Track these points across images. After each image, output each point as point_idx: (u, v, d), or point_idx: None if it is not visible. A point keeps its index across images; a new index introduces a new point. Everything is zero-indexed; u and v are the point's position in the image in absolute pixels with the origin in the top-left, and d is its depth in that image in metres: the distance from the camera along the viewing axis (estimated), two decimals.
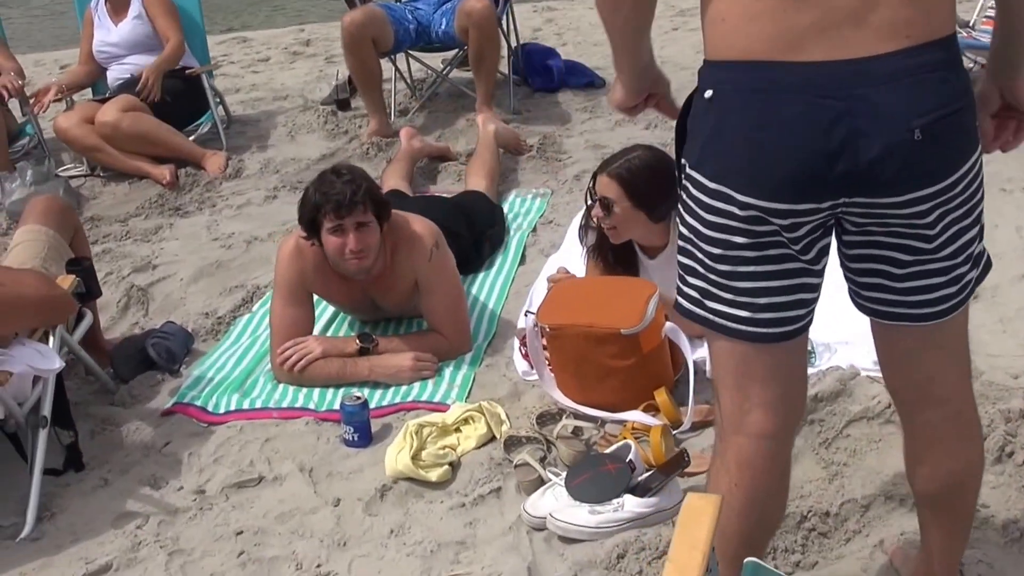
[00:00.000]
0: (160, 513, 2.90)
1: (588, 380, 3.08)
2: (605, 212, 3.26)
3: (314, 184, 3.28)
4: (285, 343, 3.37)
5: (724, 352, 1.88)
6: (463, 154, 5.21)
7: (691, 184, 1.78)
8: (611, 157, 3.40)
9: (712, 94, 1.71)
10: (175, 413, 3.32)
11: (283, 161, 5.39)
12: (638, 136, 5.36)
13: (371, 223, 3.27)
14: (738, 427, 1.91)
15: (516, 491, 2.86)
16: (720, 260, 1.77)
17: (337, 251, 3.26)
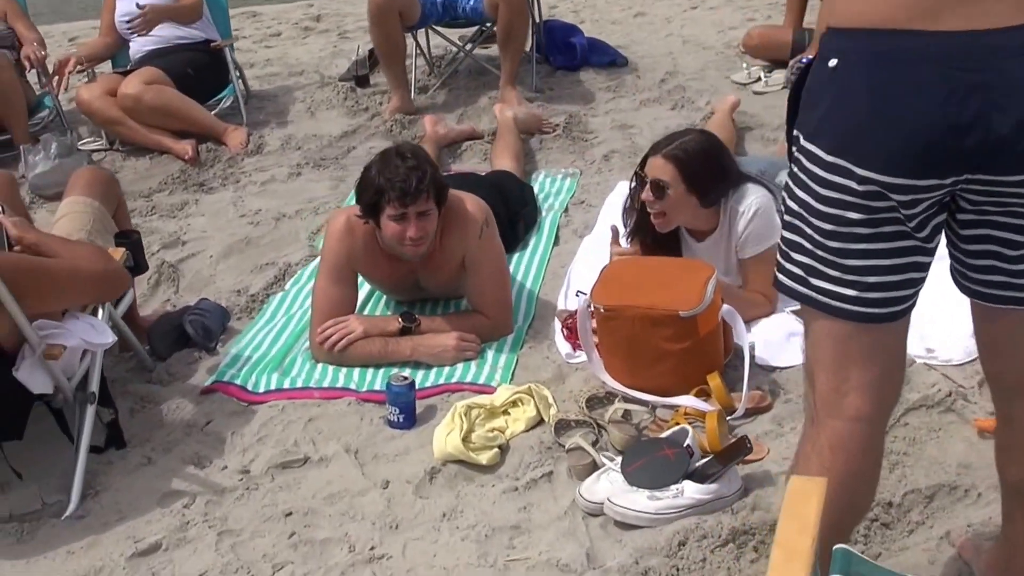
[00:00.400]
0: (206, 492, 2.86)
1: (640, 363, 3.06)
2: (658, 195, 3.23)
3: (377, 165, 3.22)
4: (326, 322, 3.33)
5: (823, 332, 1.84)
6: (488, 133, 5.16)
7: (805, 157, 1.74)
8: (663, 139, 3.36)
9: (836, 63, 1.67)
10: (215, 391, 3.29)
11: (304, 137, 5.33)
12: (664, 117, 5.34)
13: (432, 210, 3.23)
14: (834, 410, 1.87)
15: (568, 475, 2.83)
16: (831, 236, 1.73)
17: (396, 237, 3.22)
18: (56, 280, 2.78)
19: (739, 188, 3.39)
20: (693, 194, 3.24)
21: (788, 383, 3.14)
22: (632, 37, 6.68)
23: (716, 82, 5.77)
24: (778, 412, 3.02)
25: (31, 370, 2.72)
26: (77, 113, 5.46)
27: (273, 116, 5.65)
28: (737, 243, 3.39)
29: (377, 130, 5.32)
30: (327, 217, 4.33)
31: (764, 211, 3.35)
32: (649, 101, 5.56)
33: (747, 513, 2.61)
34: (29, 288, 2.66)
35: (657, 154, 3.25)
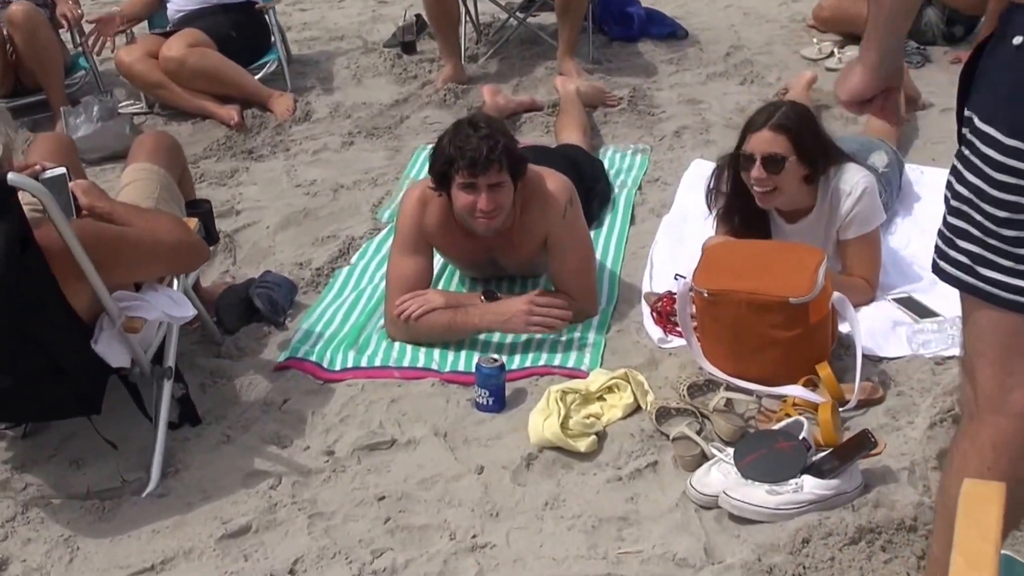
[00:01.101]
0: (292, 473, 2.84)
1: (744, 350, 3.03)
2: (773, 170, 3.19)
3: (449, 134, 3.19)
4: (403, 295, 3.30)
5: (989, 324, 1.80)
6: (548, 105, 5.11)
7: (979, 139, 1.70)
8: (757, 114, 3.32)
9: (1022, 41, 1.63)
10: (289, 368, 3.26)
11: (353, 105, 5.28)
12: (733, 92, 5.31)
13: (505, 183, 3.19)
14: (998, 406, 1.84)
15: (674, 465, 2.81)
16: (1005, 224, 1.70)
17: (467, 208, 3.19)
18: (137, 251, 2.74)
19: (840, 167, 3.36)
20: (804, 166, 3.21)
21: (898, 375, 3.11)
22: (688, 8, 6.62)
23: (784, 57, 5.73)
24: (891, 404, 2.99)
25: (109, 343, 2.69)
26: (113, 75, 5.42)
27: (318, 82, 5.60)
28: (839, 225, 3.36)
29: (430, 99, 5.27)
30: (389, 189, 4.34)
31: (870, 192, 3.32)
32: (715, 75, 5.51)
33: (870, 510, 2.58)
34: (110, 258, 2.62)
35: (762, 128, 3.21)
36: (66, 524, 2.69)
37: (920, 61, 5.53)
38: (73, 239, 2.48)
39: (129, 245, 2.72)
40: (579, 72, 5.37)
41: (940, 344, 3.22)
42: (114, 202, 2.87)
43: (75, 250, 2.49)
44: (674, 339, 3.31)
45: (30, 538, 2.66)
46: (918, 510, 2.55)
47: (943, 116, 4.91)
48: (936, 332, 3.24)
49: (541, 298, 3.28)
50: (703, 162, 4.50)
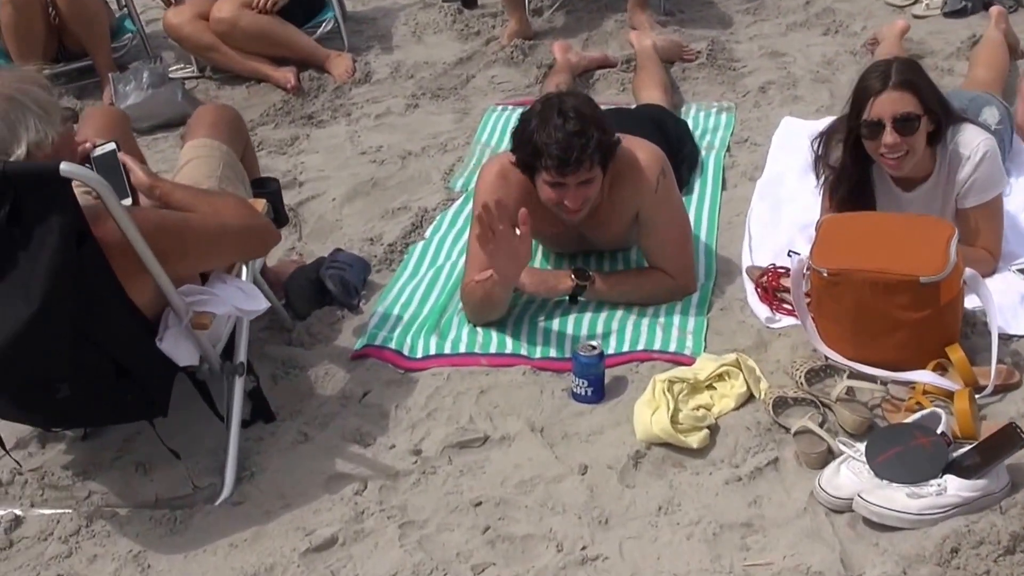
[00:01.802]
0: (378, 476, 2.63)
1: (867, 333, 2.77)
2: (906, 132, 2.91)
3: (537, 118, 2.90)
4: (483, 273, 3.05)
5: None
6: (620, 60, 4.83)
7: None
8: (869, 76, 3.02)
9: None
10: (368, 356, 3.05)
11: (415, 65, 5.03)
12: (817, 43, 5.00)
13: (596, 177, 2.94)
14: None
15: (797, 463, 2.57)
16: None
17: (552, 202, 2.96)
18: (202, 239, 2.51)
19: (958, 128, 3.08)
20: (931, 123, 2.95)
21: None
22: None
23: (868, 4, 5.38)
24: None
25: (176, 340, 2.48)
26: (160, 38, 5.21)
27: (375, 40, 5.35)
28: (959, 191, 3.08)
29: (496, 57, 5.00)
30: (460, 156, 4.10)
31: (992, 155, 3.05)
32: (796, 25, 5.19)
33: (1020, 513, 2.34)
34: (174, 249, 2.40)
35: (885, 89, 2.92)
36: (135, 537, 2.50)
37: (1013, 5, 5.17)
38: (133, 229, 2.26)
39: (194, 233, 2.49)
40: (652, 25, 5.08)
41: None
42: (174, 183, 2.64)
43: (135, 242, 2.27)
44: (783, 318, 3.06)
45: (96, 554, 2.47)
46: None
47: None
48: None
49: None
50: (793, 120, 4.22)
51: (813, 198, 3.53)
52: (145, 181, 2.54)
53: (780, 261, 3.25)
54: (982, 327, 2.91)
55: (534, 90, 4.63)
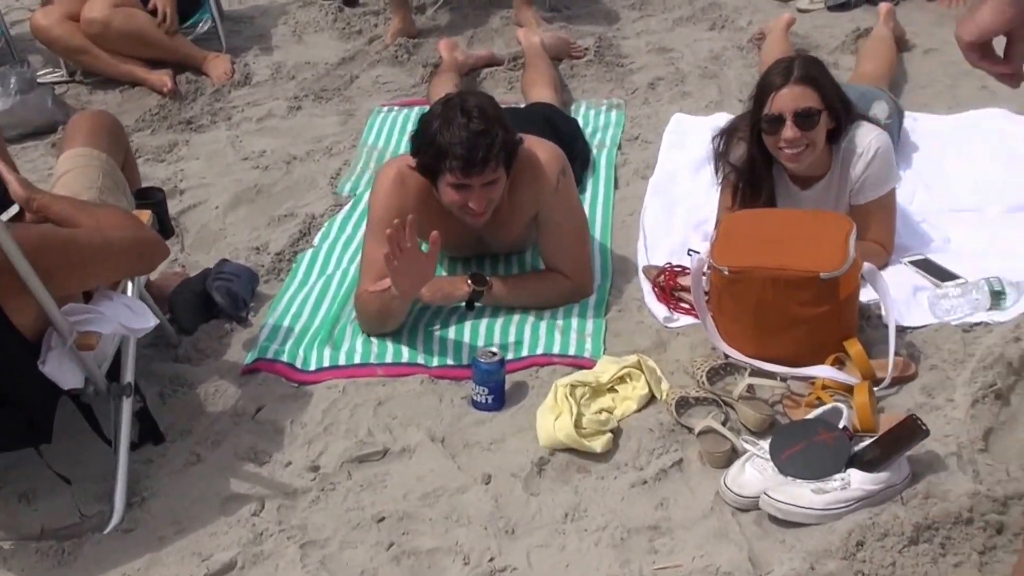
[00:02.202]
0: (276, 495, 2.57)
1: (766, 330, 2.81)
2: (806, 126, 2.96)
3: (439, 119, 2.87)
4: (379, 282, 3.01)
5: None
6: (508, 58, 4.83)
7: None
8: (772, 72, 3.08)
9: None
10: (259, 371, 2.98)
11: (296, 66, 4.95)
12: (704, 38, 5.08)
13: (500, 178, 2.92)
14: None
15: (701, 463, 2.59)
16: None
17: (456, 205, 2.93)
18: (88, 255, 2.40)
19: (851, 125, 3.16)
20: (831, 120, 3.03)
21: (926, 346, 2.93)
22: None
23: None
24: (925, 381, 2.80)
25: (59, 362, 2.38)
26: (27, 40, 5.02)
27: (254, 41, 5.25)
28: (853, 187, 3.15)
29: (380, 56, 4.96)
30: (347, 159, 4.05)
31: (885, 151, 3.13)
32: (682, 20, 5.26)
33: (921, 503, 2.39)
34: (59, 267, 2.30)
35: (786, 84, 2.97)
36: (20, 572, 2.40)
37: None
38: (14, 247, 2.16)
39: (79, 249, 2.38)
40: (538, 21, 5.09)
41: (965, 309, 3.04)
42: (52, 195, 2.54)
43: (16, 260, 2.18)
44: (681, 317, 3.09)
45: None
46: (973, 500, 2.37)
47: (927, 58, 4.74)
48: (960, 297, 3.06)
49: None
50: (683, 116, 4.28)
51: (706, 195, 3.59)
52: (21, 193, 2.44)
53: (676, 260, 3.29)
54: (876, 320, 2.98)
55: (420, 90, 4.60)
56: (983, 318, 3.00)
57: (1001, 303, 3.02)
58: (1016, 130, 4.04)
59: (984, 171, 3.77)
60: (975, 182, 3.71)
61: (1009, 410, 2.70)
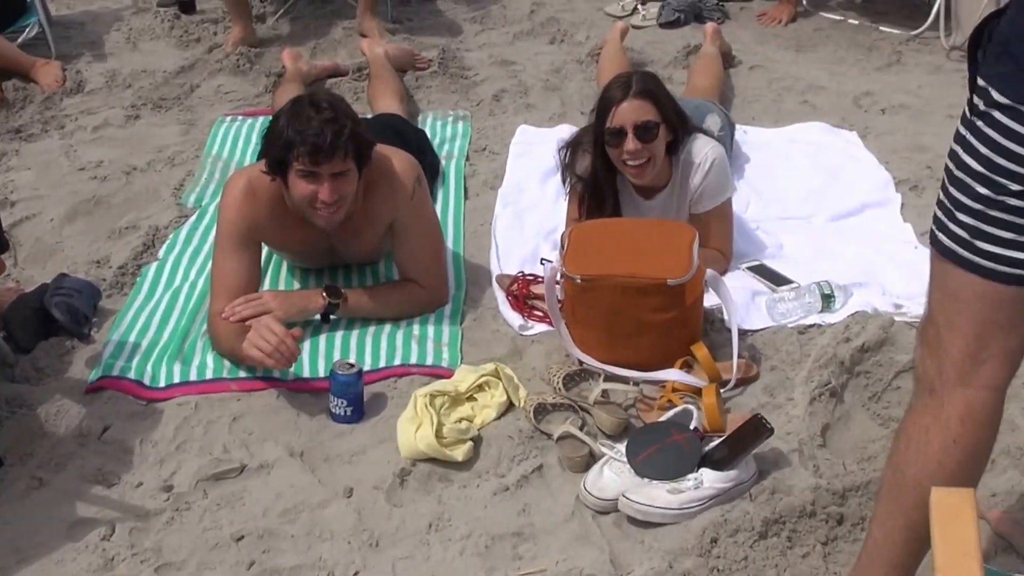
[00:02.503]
0: (127, 518, 2.47)
1: (619, 336, 2.85)
2: (647, 139, 3.02)
3: (287, 114, 2.83)
4: (234, 301, 2.93)
5: (974, 296, 1.72)
6: (352, 69, 4.78)
7: (999, 111, 1.60)
8: (612, 87, 3.13)
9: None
10: (105, 389, 2.85)
11: (132, 74, 4.78)
12: (544, 51, 5.14)
13: (350, 171, 2.87)
14: (967, 378, 1.77)
15: (560, 468, 2.61)
16: (1017, 196, 1.62)
17: (306, 199, 2.86)
18: None
19: (689, 137, 3.24)
20: (669, 132, 3.09)
21: (766, 347, 3.02)
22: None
23: (588, 14, 5.59)
24: (767, 381, 2.89)
25: None
26: None
27: (86, 47, 5.05)
28: (692, 197, 3.23)
29: (221, 65, 4.83)
30: (190, 169, 3.94)
31: (720, 162, 3.22)
32: (523, 34, 5.31)
33: (768, 498, 2.47)
34: None
35: (626, 98, 3.03)
36: None
37: (720, 17, 5.50)
38: None
39: None
40: (381, 32, 5.06)
41: (800, 312, 3.16)
42: None
43: None
44: (535, 325, 3.11)
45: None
46: (815, 494, 2.46)
47: (753, 73, 4.91)
48: (794, 300, 3.18)
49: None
50: (529, 128, 4.31)
51: (554, 205, 3.63)
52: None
53: (528, 269, 3.31)
54: (720, 324, 3.06)
55: (264, 100, 4.51)
56: (816, 320, 3.12)
57: (831, 305, 3.15)
58: (834, 142, 4.24)
59: (808, 181, 3.93)
60: (801, 192, 3.86)
61: (843, 407, 2.80)
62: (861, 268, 3.36)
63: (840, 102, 4.57)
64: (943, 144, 1.75)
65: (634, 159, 3.04)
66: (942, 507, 1.43)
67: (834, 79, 4.81)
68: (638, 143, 3.02)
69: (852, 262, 3.40)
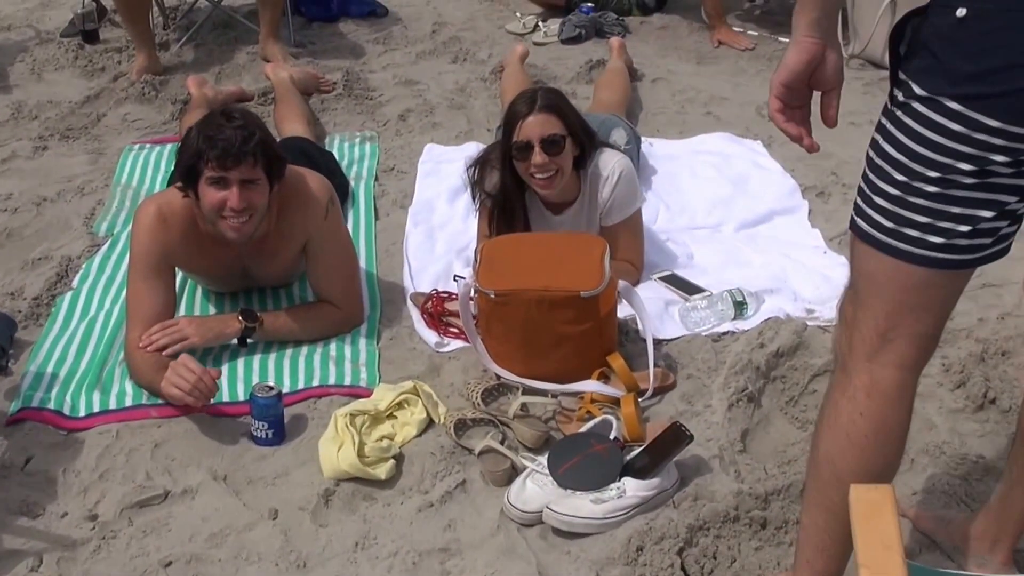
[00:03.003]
0: (54, 549, 2.42)
1: (535, 349, 2.88)
2: (554, 152, 3.06)
3: (198, 125, 2.83)
4: (150, 329, 2.89)
5: (887, 277, 1.79)
6: (257, 94, 4.75)
7: (918, 103, 1.67)
8: (517, 103, 3.17)
9: (966, 13, 1.59)
10: (25, 420, 2.79)
11: (39, 105, 4.69)
12: (448, 71, 5.16)
13: (260, 180, 2.86)
14: (874, 354, 1.83)
15: (484, 482, 2.62)
16: (933, 183, 1.68)
17: (216, 207, 2.83)
18: None
19: (597, 152, 3.29)
20: (576, 147, 3.14)
21: (681, 356, 3.07)
22: None
23: (490, 32, 5.63)
24: (685, 389, 2.94)
25: None
26: None
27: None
28: (602, 210, 3.28)
29: (126, 94, 4.76)
30: (100, 199, 3.88)
31: (628, 174, 3.27)
32: (426, 54, 5.33)
33: (691, 505, 2.50)
34: None
35: (532, 113, 3.07)
36: None
37: (622, 32, 5.59)
38: None
39: None
40: (285, 56, 5.04)
41: (713, 320, 3.21)
42: None
43: None
44: (451, 341, 3.12)
45: None
46: (738, 499, 2.50)
47: (655, 86, 4.99)
48: (707, 308, 3.23)
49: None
50: (436, 146, 4.33)
51: (464, 222, 3.66)
52: None
53: (441, 286, 3.32)
54: (634, 334, 3.10)
55: (172, 127, 4.46)
56: (729, 327, 3.18)
57: (743, 312, 3.21)
58: (739, 151, 4.32)
59: (715, 191, 4.00)
60: (709, 201, 3.93)
61: (761, 411, 2.86)
62: (772, 274, 3.43)
63: (743, 112, 4.66)
64: (846, 151, 1.82)
65: (541, 172, 3.08)
66: (862, 503, 1.46)
67: (736, 90, 4.91)
68: (545, 156, 3.06)
69: (763, 269, 3.47)
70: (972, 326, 3.13)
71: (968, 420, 2.79)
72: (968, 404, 2.82)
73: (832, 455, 1.86)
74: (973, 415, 2.79)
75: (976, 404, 2.81)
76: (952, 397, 2.86)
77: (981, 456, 2.65)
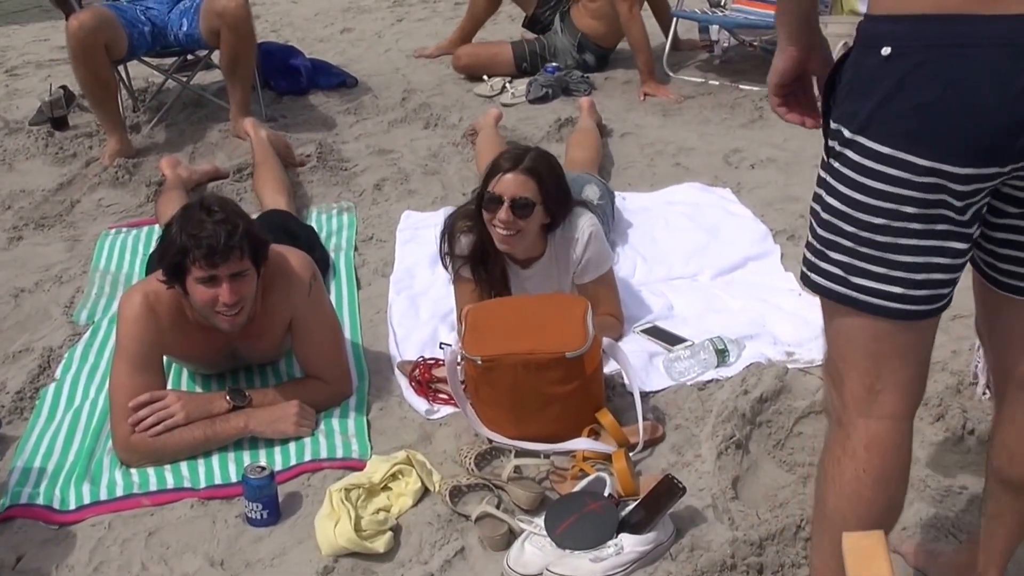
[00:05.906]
0: None
1: (525, 412, 2.88)
2: (520, 214, 3.08)
3: (179, 221, 2.83)
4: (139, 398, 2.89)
5: (857, 330, 1.80)
6: (232, 171, 4.78)
7: (852, 150, 1.69)
8: (503, 157, 3.21)
9: (891, 52, 1.62)
10: (15, 518, 2.76)
11: (11, 195, 4.70)
12: (421, 137, 5.20)
13: (248, 271, 2.87)
14: (866, 409, 1.84)
15: (482, 548, 2.61)
16: (881, 231, 1.70)
17: (207, 304, 2.84)
18: None
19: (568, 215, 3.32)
20: (546, 215, 3.15)
21: (668, 407, 3.08)
22: (348, 55, 6.48)
23: (459, 96, 5.69)
24: (674, 440, 2.95)
25: None
26: None
27: None
28: (575, 270, 3.30)
29: (100, 179, 4.78)
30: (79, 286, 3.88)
31: (598, 233, 3.30)
32: (397, 122, 5.38)
33: (688, 556, 2.51)
34: None
35: (511, 171, 3.10)
36: None
37: (587, 89, 5.66)
38: None
39: None
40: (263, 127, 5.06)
41: (697, 369, 3.23)
42: None
43: None
44: (441, 408, 3.12)
45: None
46: (734, 547, 2.50)
47: (624, 141, 5.05)
48: (691, 358, 3.25)
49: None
50: (413, 213, 4.36)
51: (446, 287, 3.66)
52: None
53: (428, 353, 3.33)
54: (621, 389, 3.11)
55: (147, 209, 4.47)
56: (713, 375, 3.20)
57: (726, 359, 3.23)
58: (710, 200, 4.37)
59: (690, 240, 4.04)
60: (685, 251, 3.97)
61: (750, 457, 2.87)
62: (750, 320, 3.46)
63: (711, 161, 4.72)
64: (812, 193, 1.85)
65: (505, 228, 3.11)
66: (855, 551, 1.48)
67: (703, 139, 4.98)
68: (510, 215, 3.08)
69: (741, 315, 3.51)
70: (946, 359, 3.16)
71: (949, 452, 2.81)
72: (948, 436, 2.85)
73: (843, 510, 1.86)
74: (954, 447, 2.82)
75: (956, 436, 2.84)
76: (932, 430, 2.88)
77: (964, 487, 2.67)
